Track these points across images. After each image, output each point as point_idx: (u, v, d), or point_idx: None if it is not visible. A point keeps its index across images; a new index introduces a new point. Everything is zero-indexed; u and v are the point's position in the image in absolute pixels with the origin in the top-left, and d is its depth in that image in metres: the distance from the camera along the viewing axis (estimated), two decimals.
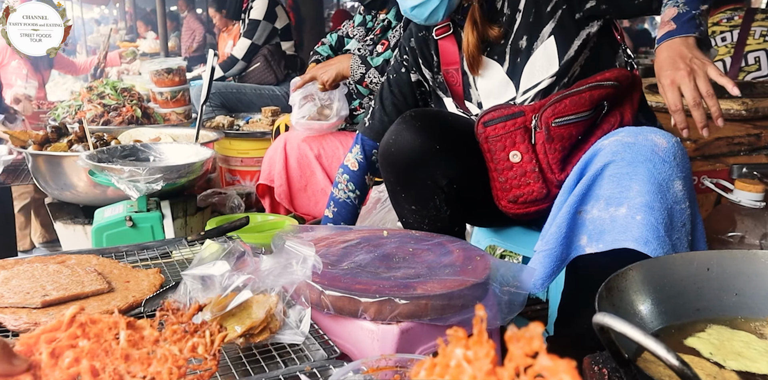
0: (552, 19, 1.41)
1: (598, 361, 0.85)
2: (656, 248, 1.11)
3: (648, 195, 1.13)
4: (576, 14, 1.41)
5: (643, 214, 1.13)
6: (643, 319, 0.91)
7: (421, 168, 1.42)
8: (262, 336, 0.98)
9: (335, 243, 1.39)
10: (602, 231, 1.16)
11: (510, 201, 1.40)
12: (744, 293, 0.97)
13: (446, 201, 1.45)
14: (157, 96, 2.99)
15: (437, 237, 1.43)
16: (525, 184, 1.37)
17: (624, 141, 1.19)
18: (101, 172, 1.48)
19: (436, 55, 1.63)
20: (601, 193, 1.19)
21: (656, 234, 1.12)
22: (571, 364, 0.37)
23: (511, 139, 1.37)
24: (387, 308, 1.11)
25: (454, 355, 0.46)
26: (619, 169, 1.17)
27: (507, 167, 1.39)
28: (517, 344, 0.41)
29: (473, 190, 1.47)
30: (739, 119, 1.83)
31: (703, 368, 0.78)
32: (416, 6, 1.45)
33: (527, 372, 0.39)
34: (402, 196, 1.51)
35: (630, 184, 1.15)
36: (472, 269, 1.23)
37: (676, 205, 1.14)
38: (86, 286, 1.13)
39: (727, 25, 3.11)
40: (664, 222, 1.12)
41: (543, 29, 1.43)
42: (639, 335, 0.59)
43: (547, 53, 1.42)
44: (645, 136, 1.18)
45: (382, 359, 0.78)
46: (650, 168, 1.14)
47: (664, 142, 1.16)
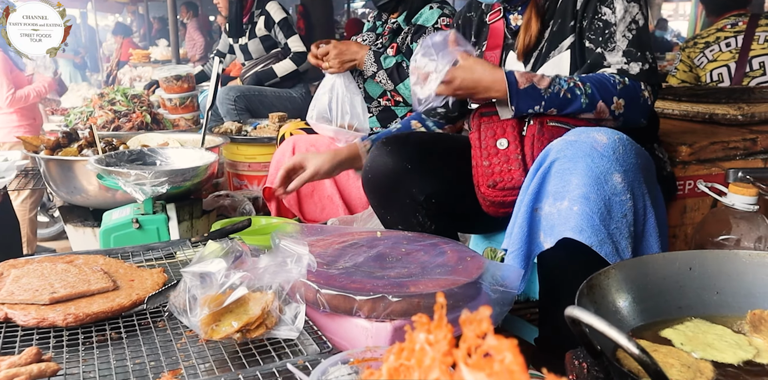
0: (573, 34, 1.46)
1: (579, 356, 0.88)
2: (590, 236, 1.15)
3: (585, 187, 1.17)
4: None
5: (579, 205, 1.17)
6: (624, 316, 0.94)
7: (397, 187, 1.50)
8: (258, 331, 1.02)
9: (331, 244, 1.43)
10: (552, 226, 1.21)
11: (489, 186, 1.44)
12: (725, 292, 0.99)
13: (428, 216, 1.54)
14: (167, 102, 3.05)
15: (430, 238, 1.47)
16: (507, 170, 1.42)
17: (568, 139, 1.24)
18: (109, 176, 1.53)
19: (476, 36, 1.69)
20: (550, 189, 1.23)
21: (590, 223, 1.16)
22: (514, 343, 0.41)
23: (502, 127, 1.44)
24: (381, 306, 1.14)
25: (418, 339, 0.49)
26: (562, 165, 1.22)
27: (493, 153, 1.45)
28: (470, 327, 0.44)
29: (455, 201, 1.53)
30: (735, 124, 1.85)
31: (680, 357, 0.81)
32: None
33: (477, 351, 0.43)
34: (388, 218, 1.61)
35: (570, 178, 1.20)
36: (464, 269, 1.26)
37: (615, 197, 1.18)
38: (92, 284, 1.18)
39: (731, 31, 3.13)
40: (600, 211, 1.16)
41: (563, 41, 1.47)
42: (603, 326, 0.62)
43: (560, 65, 1.46)
44: (588, 134, 1.23)
45: (368, 351, 0.82)
46: (588, 162, 1.18)
47: (604, 138, 1.21)
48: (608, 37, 1.40)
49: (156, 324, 1.11)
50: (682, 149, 1.67)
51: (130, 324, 1.10)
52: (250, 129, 3.25)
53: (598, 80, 1.36)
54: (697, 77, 3.20)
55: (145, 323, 1.12)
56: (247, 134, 3.16)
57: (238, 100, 3.59)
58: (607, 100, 1.35)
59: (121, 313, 1.12)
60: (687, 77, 3.21)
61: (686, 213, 1.71)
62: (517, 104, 1.37)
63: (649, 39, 1.41)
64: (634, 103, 1.36)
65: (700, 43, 3.19)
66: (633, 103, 1.36)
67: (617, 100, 1.35)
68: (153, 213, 1.59)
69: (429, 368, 0.48)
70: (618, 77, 1.36)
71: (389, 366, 0.53)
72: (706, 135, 1.77)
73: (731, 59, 3.08)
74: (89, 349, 1.01)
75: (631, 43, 1.39)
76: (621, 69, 1.38)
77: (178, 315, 1.04)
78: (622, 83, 1.36)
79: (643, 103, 1.37)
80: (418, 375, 0.50)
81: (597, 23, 1.41)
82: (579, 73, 1.44)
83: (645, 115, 1.40)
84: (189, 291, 1.02)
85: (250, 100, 3.66)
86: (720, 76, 3.12)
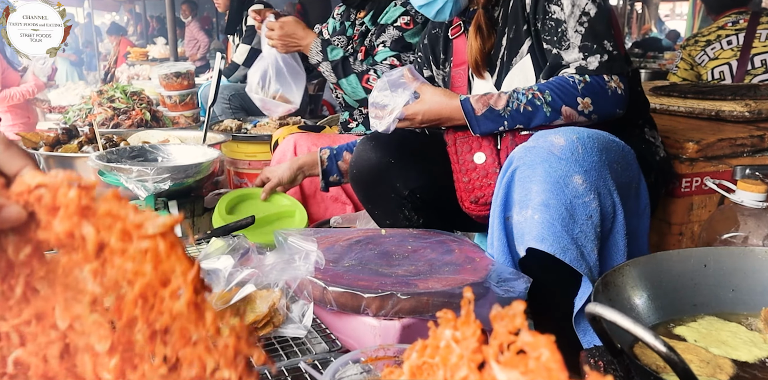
0: (528, 37, 1.43)
1: (594, 354, 0.86)
2: (552, 244, 1.13)
3: (544, 194, 1.15)
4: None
5: (540, 213, 1.15)
6: (640, 313, 0.92)
7: (381, 182, 1.50)
8: (266, 329, 1.00)
9: (336, 242, 1.41)
10: (522, 234, 1.19)
11: (472, 201, 1.45)
12: (740, 289, 0.98)
13: (414, 210, 1.53)
14: (166, 99, 3.03)
15: (437, 236, 1.45)
16: (486, 185, 1.41)
17: (527, 145, 1.22)
18: (110, 172, 1.51)
19: (443, 53, 1.67)
20: (516, 198, 1.21)
21: (552, 231, 1.13)
22: (551, 339, 0.39)
23: (477, 141, 1.43)
24: (389, 304, 1.12)
25: (443, 336, 0.48)
26: (523, 173, 1.20)
27: (471, 168, 1.44)
28: (501, 322, 0.43)
29: (440, 195, 1.52)
30: (742, 121, 1.84)
31: (698, 354, 0.79)
32: (422, 5, 1.50)
33: (510, 348, 0.41)
34: (375, 213, 1.61)
35: (531, 186, 1.17)
36: (473, 268, 1.25)
37: (577, 200, 1.15)
38: None
39: (732, 29, 3.13)
40: (561, 217, 1.13)
41: (522, 47, 1.45)
42: (628, 323, 0.60)
43: (524, 70, 1.44)
44: (545, 138, 1.20)
45: (381, 349, 0.80)
46: (546, 167, 1.16)
47: (562, 140, 1.18)
48: (561, 36, 1.36)
49: None
50: (688, 146, 1.66)
51: None
52: (250, 127, 3.22)
53: (557, 85, 1.33)
54: (699, 75, 3.19)
55: None
56: (247, 132, 3.14)
57: (232, 98, 3.56)
58: (570, 103, 1.32)
59: None
60: (688, 75, 3.20)
61: (693, 211, 1.70)
62: (480, 131, 1.40)
63: (607, 27, 1.36)
64: (601, 98, 1.33)
65: (701, 41, 3.19)
66: (600, 98, 1.32)
67: (582, 100, 1.32)
68: (155, 211, 1.57)
69: (456, 366, 0.46)
70: (578, 76, 1.33)
71: (412, 363, 0.51)
72: (713, 132, 1.76)
73: (733, 57, 3.07)
74: None
75: (584, 37, 1.34)
76: (579, 66, 1.34)
77: None
78: (583, 82, 1.32)
79: (612, 95, 1.33)
80: (444, 374, 0.48)
81: (549, 23, 1.38)
82: (542, 77, 1.42)
83: (619, 106, 1.35)
84: None
85: (245, 99, 3.61)
86: (721, 73, 3.11)
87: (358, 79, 2.11)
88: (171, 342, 0.46)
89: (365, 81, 2.10)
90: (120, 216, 0.45)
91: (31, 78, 4.50)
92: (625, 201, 1.22)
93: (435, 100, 1.41)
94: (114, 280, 0.46)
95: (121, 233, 0.45)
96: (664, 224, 1.70)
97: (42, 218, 0.46)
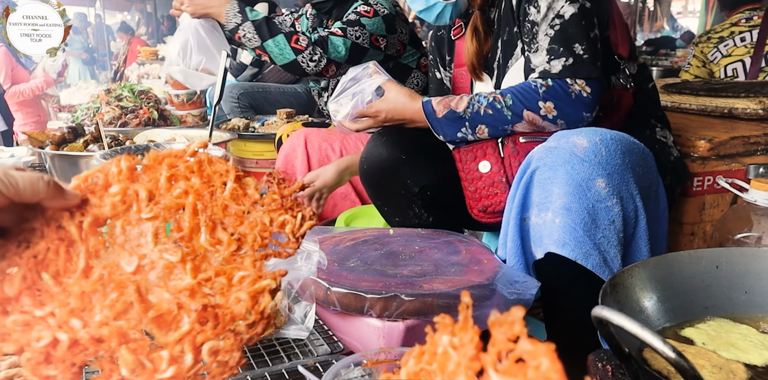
0: (519, 40, 1.41)
1: (602, 358, 0.84)
2: (573, 249, 1.10)
3: (566, 197, 1.12)
4: None
5: (561, 217, 1.12)
6: (649, 316, 0.90)
7: (392, 178, 1.49)
8: (267, 331, 0.98)
9: (342, 242, 1.40)
10: (540, 237, 1.16)
11: (480, 210, 1.43)
12: (754, 291, 0.95)
13: (424, 208, 1.52)
14: (174, 98, 3.03)
15: (445, 236, 1.43)
16: (493, 194, 1.39)
17: (548, 146, 1.19)
18: None
19: (449, 54, 1.66)
20: (534, 200, 1.18)
21: (573, 236, 1.10)
22: (551, 347, 0.37)
23: (482, 149, 1.41)
24: (393, 305, 1.11)
25: (441, 342, 0.46)
26: (543, 174, 1.17)
27: (476, 177, 1.42)
28: (500, 329, 0.41)
29: (450, 193, 1.50)
30: (756, 119, 1.80)
31: (710, 359, 0.77)
32: (422, 10, 1.49)
33: (509, 356, 0.39)
34: (385, 210, 1.59)
35: (552, 188, 1.14)
36: (479, 269, 1.23)
37: (599, 204, 1.12)
38: None
39: (746, 25, 3.08)
40: (584, 222, 1.11)
41: (516, 49, 1.42)
42: (636, 327, 0.58)
43: (521, 72, 1.41)
44: (567, 138, 1.17)
45: (382, 352, 0.78)
46: (569, 169, 1.13)
47: (585, 142, 1.15)
48: (532, 38, 1.33)
49: None
50: (700, 144, 1.63)
51: None
52: (258, 125, 3.21)
53: (519, 89, 1.31)
54: (711, 73, 3.14)
55: None
56: (254, 131, 3.13)
57: (241, 97, 3.54)
58: (532, 107, 1.30)
59: None
60: (700, 73, 3.16)
61: (705, 210, 1.67)
62: (443, 132, 1.40)
63: (582, 29, 1.30)
64: (564, 103, 1.28)
65: (713, 38, 3.14)
66: (563, 102, 1.28)
67: (544, 104, 1.29)
68: None
69: (453, 373, 0.44)
70: (540, 81, 1.30)
71: (409, 370, 0.49)
72: (726, 130, 1.73)
73: (746, 54, 3.03)
74: None
75: (553, 39, 1.31)
76: (543, 70, 1.31)
77: None
78: (545, 86, 1.29)
79: (577, 99, 1.28)
80: None
81: (527, 25, 1.35)
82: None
83: (586, 110, 1.29)
84: None
85: (254, 97, 3.60)
86: (734, 71, 3.06)
87: (286, 40, 1.92)
88: (230, 225, 0.60)
89: (294, 41, 1.93)
90: (163, 156, 0.62)
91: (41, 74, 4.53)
92: (646, 206, 1.20)
93: (399, 101, 1.42)
94: (168, 207, 0.59)
95: (169, 166, 0.61)
96: (676, 224, 1.67)
97: (97, 197, 0.59)
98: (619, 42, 1.40)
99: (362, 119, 1.48)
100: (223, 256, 0.59)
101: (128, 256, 0.58)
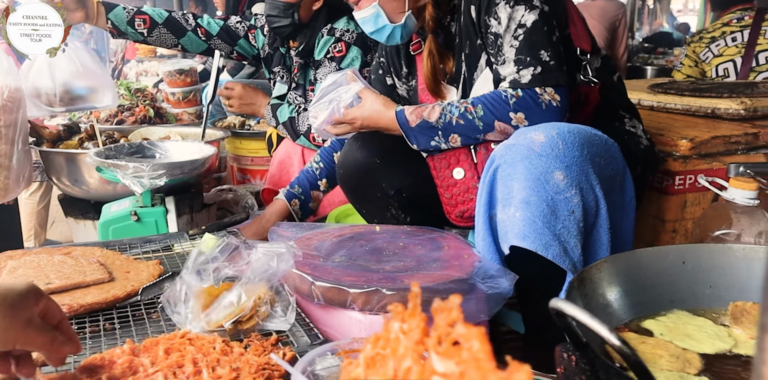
0: (483, 51, 1.42)
1: (568, 349, 0.88)
2: (533, 241, 1.14)
3: (525, 192, 1.15)
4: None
5: (521, 211, 1.15)
6: (615, 310, 0.94)
7: (367, 182, 1.52)
8: (250, 323, 1.02)
9: (329, 238, 1.43)
10: (505, 233, 1.19)
11: (457, 216, 1.47)
12: (718, 285, 0.99)
13: (401, 209, 1.55)
14: (170, 96, 3.06)
15: (429, 233, 1.47)
16: (468, 200, 1.43)
17: (508, 143, 1.23)
18: (107, 168, 1.54)
19: (407, 66, 1.65)
20: (499, 196, 1.22)
21: (533, 228, 1.14)
22: (482, 330, 0.41)
23: (455, 157, 1.44)
24: (375, 299, 1.14)
25: (392, 329, 0.49)
26: (504, 171, 1.20)
27: (451, 184, 1.46)
28: (441, 315, 0.44)
29: (425, 194, 1.53)
30: (738, 119, 1.83)
31: (668, 349, 0.81)
32: (372, 32, 1.52)
33: (447, 339, 0.43)
34: (364, 212, 1.63)
35: (512, 184, 1.18)
36: (459, 265, 1.26)
37: (558, 195, 1.15)
38: (88, 276, 1.19)
39: (737, 25, 3.10)
40: (543, 214, 1.14)
41: (480, 61, 1.44)
42: (585, 317, 0.62)
43: (487, 84, 1.42)
44: (525, 135, 1.20)
45: (355, 342, 0.82)
46: (527, 165, 1.16)
47: (542, 137, 1.18)
48: (498, 50, 1.35)
49: (150, 315, 1.12)
50: (682, 143, 1.66)
51: (124, 316, 1.11)
52: (254, 123, 3.25)
53: (490, 99, 1.33)
54: (703, 72, 3.17)
55: (139, 314, 1.12)
56: (250, 128, 3.16)
57: None
58: (503, 118, 1.32)
59: (115, 304, 1.13)
60: (692, 72, 3.19)
61: (686, 208, 1.70)
62: (416, 142, 1.42)
63: (545, 34, 1.31)
64: (535, 113, 1.30)
65: (705, 38, 3.17)
66: (534, 113, 1.30)
67: (515, 115, 1.31)
68: (152, 206, 1.60)
69: (403, 356, 0.48)
70: (511, 91, 1.31)
71: (366, 355, 0.53)
72: (708, 129, 1.76)
73: (737, 54, 3.05)
74: (82, 340, 1.01)
75: (518, 50, 1.31)
76: (513, 80, 1.32)
77: (169, 311, 1.04)
78: (515, 96, 1.30)
79: (547, 108, 1.29)
80: (393, 364, 0.50)
81: (490, 37, 1.36)
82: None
83: (556, 118, 1.30)
84: (183, 285, 1.03)
85: None
86: (726, 71, 3.09)
87: (306, 139, 2.16)
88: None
89: (312, 139, 2.14)
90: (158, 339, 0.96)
91: None
92: (609, 195, 1.22)
93: (374, 109, 1.44)
94: (170, 365, 0.85)
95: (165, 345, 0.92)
96: (658, 221, 1.71)
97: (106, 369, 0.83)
98: (580, 36, 1.42)
99: (340, 125, 1.51)
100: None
101: None
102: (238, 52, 2.35)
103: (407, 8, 1.45)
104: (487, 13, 1.35)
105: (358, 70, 1.56)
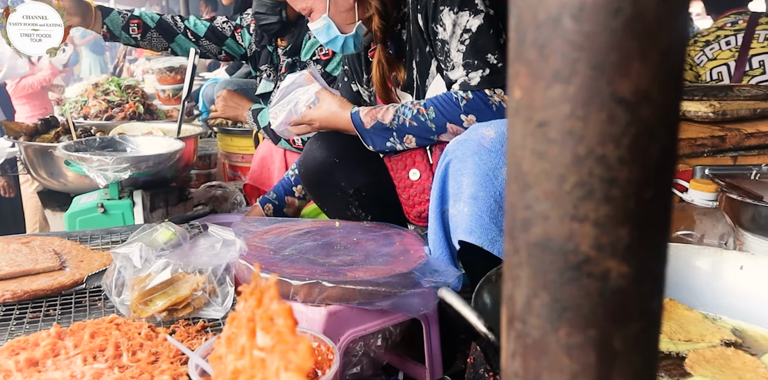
0: (433, 57, 1.43)
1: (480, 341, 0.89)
2: (480, 236, 1.15)
3: (473, 187, 1.17)
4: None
5: (469, 206, 1.17)
6: None
7: (327, 181, 1.55)
8: (185, 311, 1.04)
9: (286, 232, 1.46)
10: (456, 228, 1.21)
11: (415, 216, 1.49)
12: None
13: (361, 207, 1.57)
14: (160, 93, 3.10)
15: (386, 229, 1.49)
16: (425, 200, 1.44)
17: (460, 139, 1.24)
18: (74, 161, 1.57)
19: (365, 73, 1.67)
20: (450, 191, 1.23)
21: (480, 223, 1.15)
22: (288, 308, 0.43)
23: (411, 158, 1.46)
24: (316, 291, 1.16)
25: (238, 307, 0.51)
26: (455, 166, 1.21)
27: (408, 184, 1.48)
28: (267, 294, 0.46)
29: (384, 192, 1.55)
30: (707, 121, 1.83)
31: None
32: (327, 42, 1.54)
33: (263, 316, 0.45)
34: (326, 210, 1.65)
35: (462, 179, 1.19)
36: (405, 259, 1.28)
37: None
38: (38, 263, 1.22)
39: (731, 29, 3.09)
40: (490, 210, 1.15)
41: (431, 67, 1.45)
42: (459, 305, 0.63)
43: (439, 90, 1.43)
44: (477, 131, 1.22)
45: None
46: (476, 160, 1.17)
47: (492, 133, 1.19)
48: (446, 56, 1.36)
49: (94, 303, 1.15)
50: None
51: (67, 303, 1.14)
52: None
53: (441, 102, 1.34)
54: (697, 76, 3.16)
55: (82, 302, 1.15)
56: (241, 126, 3.19)
57: None
58: (454, 120, 1.33)
59: (60, 292, 1.16)
60: (687, 76, 3.18)
61: None
62: (372, 143, 1.44)
63: (491, 37, 1.31)
64: (486, 115, 1.31)
65: (700, 42, 3.16)
66: (485, 114, 1.31)
67: (466, 116, 1.32)
68: (119, 199, 1.63)
69: (242, 332, 0.50)
70: (461, 93, 1.32)
71: (225, 334, 0.55)
72: None
73: (731, 58, 3.04)
74: (19, 325, 1.04)
75: (466, 54, 1.32)
76: (462, 83, 1.33)
77: (110, 295, 1.07)
78: (465, 98, 1.31)
79: (498, 110, 1.30)
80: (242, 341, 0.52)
81: (437, 44, 1.37)
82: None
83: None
84: (119, 273, 1.05)
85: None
86: (720, 74, 3.08)
87: (287, 142, 2.19)
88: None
89: (292, 142, 2.16)
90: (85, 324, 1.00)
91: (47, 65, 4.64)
92: None
93: (331, 110, 1.46)
94: (92, 348, 0.88)
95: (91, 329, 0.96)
96: None
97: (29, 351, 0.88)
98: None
99: (300, 125, 1.53)
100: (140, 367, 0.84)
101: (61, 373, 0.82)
102: (226, 51, 2.39)
103: (357, 19, 1.48)
104: (433, 20, 1.36)
105: (317, 72, 1.59)
